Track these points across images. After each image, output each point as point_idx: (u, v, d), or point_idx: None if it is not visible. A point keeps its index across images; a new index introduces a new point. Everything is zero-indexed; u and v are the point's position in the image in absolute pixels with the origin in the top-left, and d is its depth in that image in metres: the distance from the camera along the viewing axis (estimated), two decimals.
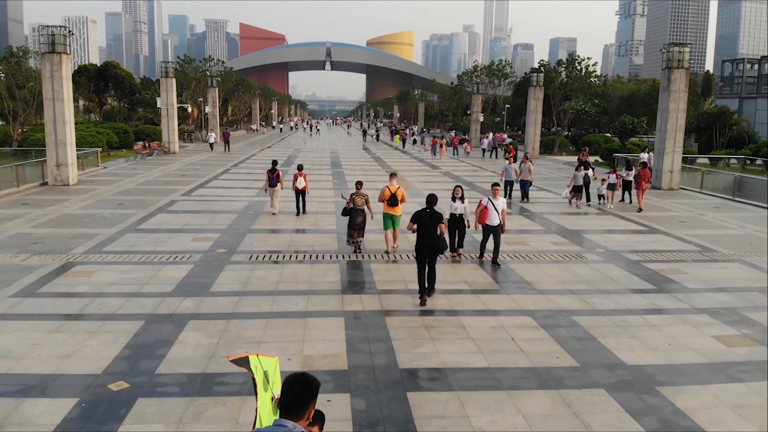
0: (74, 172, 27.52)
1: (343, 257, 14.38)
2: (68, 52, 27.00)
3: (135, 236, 16.35)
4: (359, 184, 15.40)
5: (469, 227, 14.46)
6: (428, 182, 30.15)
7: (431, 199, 11.48)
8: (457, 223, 14.36)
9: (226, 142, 51.14)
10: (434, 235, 10.98)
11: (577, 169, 23.37)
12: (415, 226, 11.21)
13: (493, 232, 14.00)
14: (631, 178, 24.19)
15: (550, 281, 12.71)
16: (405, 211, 15.05)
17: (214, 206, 21.61)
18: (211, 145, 51.71)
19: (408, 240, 15.55)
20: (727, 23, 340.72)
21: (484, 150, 49.62)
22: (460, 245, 14.67)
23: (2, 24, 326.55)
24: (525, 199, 24.23)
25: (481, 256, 14.45)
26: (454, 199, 14.23)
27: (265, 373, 3.89)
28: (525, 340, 9.36)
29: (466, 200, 14.34)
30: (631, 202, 24.10)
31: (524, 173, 24.30)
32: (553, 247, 16.10)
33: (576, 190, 23.10)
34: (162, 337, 9.29)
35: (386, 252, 14.72)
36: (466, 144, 49.96)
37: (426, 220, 11.04)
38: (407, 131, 75.80)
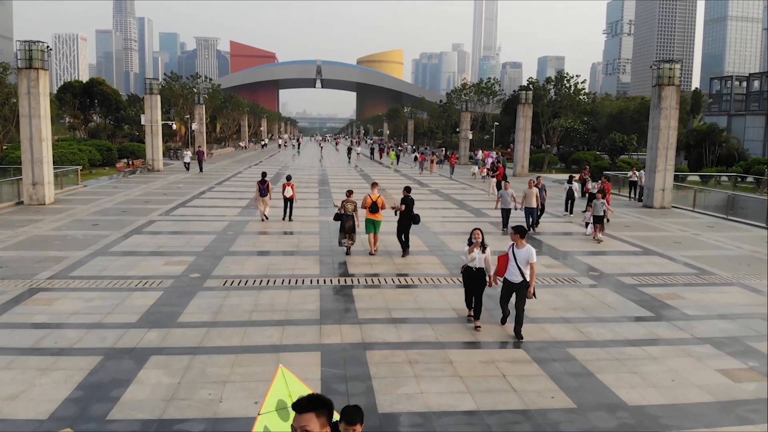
0: (51, 190, 26.60)
1: (324, 282, 13.58)
2: (46, 68, 26.20)
3: (105, 260, 15.49)
4: (349, 192, 17.09)
5: (491, 285, 10.82)
6: (417, 201, 29.10)
7: (409, 189, 16.98)
8: (476, 280, 10.65)
9: (200, 161, 46.78)
10: (414, 213, 16.45)
11: (595, 197, 20.29)
12: (403, 207, 16.39)
13: (516, 291, 10.30)
14: (595, 190, 25.98)
15: (543, 308, 11.97)
16: (385, 218, 17.19)
17: (192, 226, 20.77)
18: (186, 164, 46.67)
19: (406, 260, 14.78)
20: (713, 42, 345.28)
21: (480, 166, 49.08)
22: (478, 312, 10.78)
23: None
24: (531, 229, 20.96)
25: (504, 320, 10.79)
26: (469, 246, 10.70)
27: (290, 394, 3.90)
28: (517, 376, 8.59)
29: (488, 249, 10.78)
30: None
31: (529, 200, 20.80)
32: (544, 269, 15.36)
33: (597, 221, 19.86)
34: (119, 375, 8.45)
35: (369, 253, 16.52)
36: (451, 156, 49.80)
37: (410, 203, 16.52)
38: (401, 147, 75.42)
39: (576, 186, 26.67)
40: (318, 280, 13.70)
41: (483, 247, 10.61)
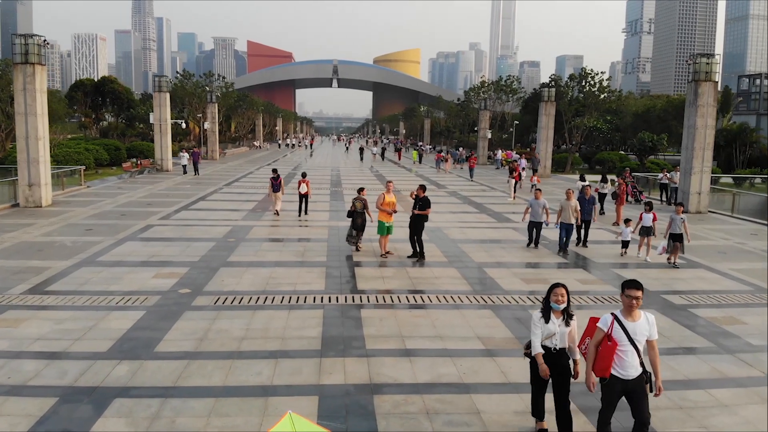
0: (48, 192, 25.25)
1: (329, 300, 11.93)
2: (43, 63, 24.85)
3: (90, 271, 13.98)
4: (360, 189, 17.26)
5: (576, 377, 6.63)
6: (434, 203, 27.29)
7: (425, 188, 16.14)
8: (556, 369, 6.55)
9: (195, 164, 41.74)
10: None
11: (676, 212, 15.98)
12: (429, 210, 15.91)
13: (630, 393, 6.11)
14: (606, 191, 26.28)
15: (579, 335, 10.18)
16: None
17: (191, 232, 19.24)
18: (184, 167, 42.20)
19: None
20: (734, 40, 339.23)
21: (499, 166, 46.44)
22: (567, 423, 6.57)
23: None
24: (564, 251, 17.16)
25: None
26: (547, 313, 6.50)
27: None
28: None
29: (574, 319, 6.59)
30: (603, 213, 25.17)
31: (566, 213, 17.06)
32: (579, 286, 13.61)
33: (674, 239, 15.78)
34: (71, 426, 6.86)
35: (381, 255, 15.96)
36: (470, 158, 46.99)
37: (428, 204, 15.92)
38: (422, 147, 74.37)
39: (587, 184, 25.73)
40: (322, 298, 12.05)
41: (567, 316, 6.51)
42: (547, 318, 6.48)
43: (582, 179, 26.82)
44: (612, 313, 6.16)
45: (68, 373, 8.30)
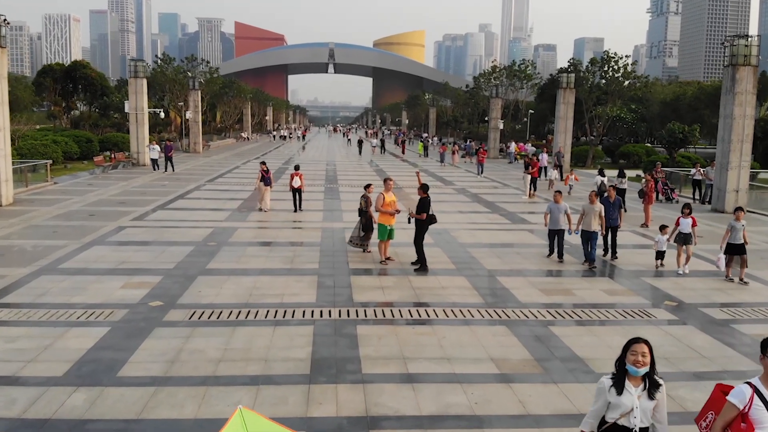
0: (9, 189, 24.80)
1: (321, 314, 11.46)
2: (3, 45, 24.39)
3: (50, 280, 13.53)
4: (367, 186, 17.09)
5: None
6: (439, 202, 26.69)
7: (426, 188, 15.42)
8: None
9: (168, 158, 39.43)
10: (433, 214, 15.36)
11: (735, 218, 14.87)
12: (424, 215, 15.05)
13: None
14: (625, 186, 25.80)
15: (612, 356, 9.55)
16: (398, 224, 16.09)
17: (167, 235, 18.80)
18: (154, 161, 40.11)
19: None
20: None
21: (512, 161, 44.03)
22: None
23: None
24: (591, 263, 15.83)
25: None
26: (620, 381, 5.07)
27: None
28: None
29: (662, 389, 5.09)
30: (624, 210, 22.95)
31: (588, 220, 15.77)
32: (606, 297, 13.15)
33: (731, 251, 14.68)
34: None
35: (380, 262, 15.58)
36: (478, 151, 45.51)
37: (429, 206, 15.25)
38: (427, 136, 74.35)
39: (606, 180, 25.84)
40: (313, 312, 11.59)
41: (652, 385, 5.05)
42: (620, 388, 5.00)
43: (601, 173, 26.56)
44: (749, 383, 4.76)
45: (16, 403, 7.84)
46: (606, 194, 17.34)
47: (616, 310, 12.28)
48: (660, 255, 15.96)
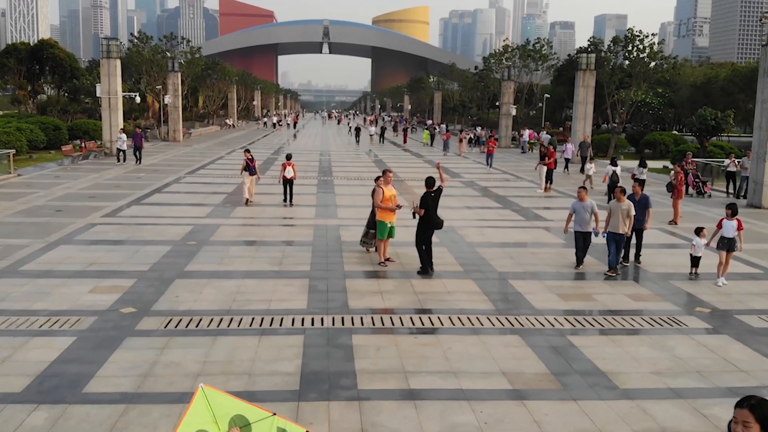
0: None
1: (312, 323, 11.34)
2: None
3: (10, 284, 13.40)
4: (377, 179, 16.43)
5: None
6: (444, 196, 26.48)
7: (431, 182, 14.98)
8: None
9: (137, 149, 38.55)
10: (437, 215, 14.87)
11: None
12: (422, 211, 14.66)
13: None
14: (644, 176, 26.15)
15: (638, 370, 9.63)
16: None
17: (142, 233, 18.70)
18: (121, 152, 38.97)
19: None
20: None
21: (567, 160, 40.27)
22: None
23: None
24: (615, 269, 15.24)
25: None
26: None
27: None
28: None
29: None
30: None
31: (615, 221, 14.97)
32: (630, 303, 13.02)
33: None
34: None
35: (379, 263, 15.44)
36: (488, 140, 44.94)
37: (431, 204, 14.73)
38: (433, 127, 74.85)
39: (619, 170, 26.18)
40: (303, 320, 11.47)
41: None
42: None
43: (613, 163, 26.26)
44: None
45: None
46: (630, 191, 16.08)
47: (642, 317, 12.16)
48: (695, 261, 15.21)
